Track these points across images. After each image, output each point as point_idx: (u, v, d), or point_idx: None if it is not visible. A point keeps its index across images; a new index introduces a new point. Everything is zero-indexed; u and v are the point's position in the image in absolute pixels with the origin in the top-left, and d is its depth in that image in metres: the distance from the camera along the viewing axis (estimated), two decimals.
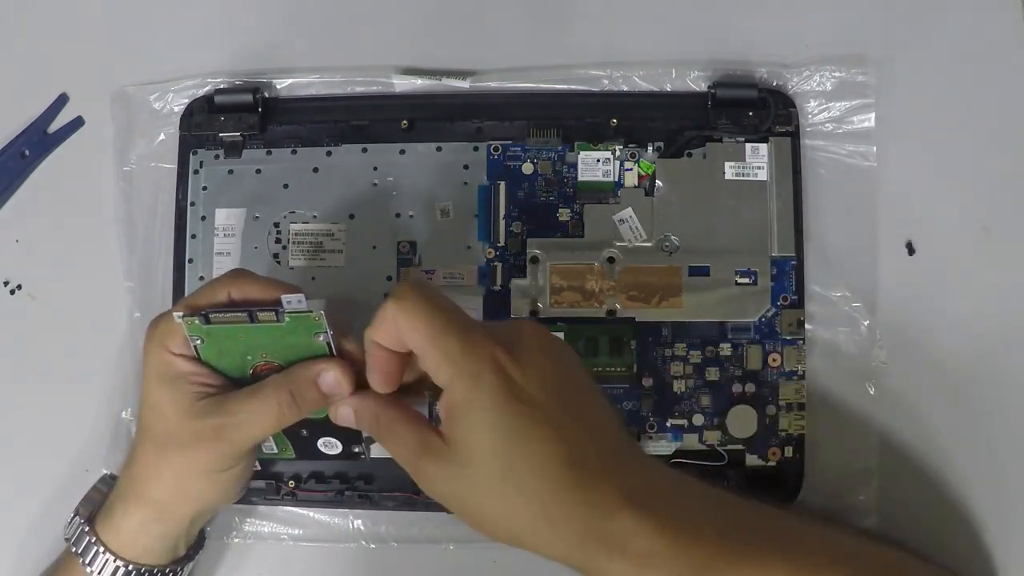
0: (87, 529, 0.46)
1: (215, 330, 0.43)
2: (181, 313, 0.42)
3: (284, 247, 0.53)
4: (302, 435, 0.46)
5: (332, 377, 0.43)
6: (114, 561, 0.45)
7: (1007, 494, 0.50)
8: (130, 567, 0.45)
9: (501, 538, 0.39)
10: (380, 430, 0.41)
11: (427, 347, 0.39)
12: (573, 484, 0.38)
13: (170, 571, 0.47)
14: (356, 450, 0.47)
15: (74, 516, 0.47)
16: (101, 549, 0.45)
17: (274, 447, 0.47)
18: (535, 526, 0.38)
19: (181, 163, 0.54)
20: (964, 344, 0.51)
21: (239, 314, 0.42)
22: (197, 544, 0.49)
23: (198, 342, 0.43)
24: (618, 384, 0.51)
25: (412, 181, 0.52)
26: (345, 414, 0.42)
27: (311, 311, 0.41)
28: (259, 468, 0.51)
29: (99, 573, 0.45)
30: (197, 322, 0.42)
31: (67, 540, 0.47)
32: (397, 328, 0.39)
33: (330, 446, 0.47)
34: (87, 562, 0.45)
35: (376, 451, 0.47)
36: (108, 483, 0.49)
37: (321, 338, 0.42)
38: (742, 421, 0.50)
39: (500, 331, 0.40)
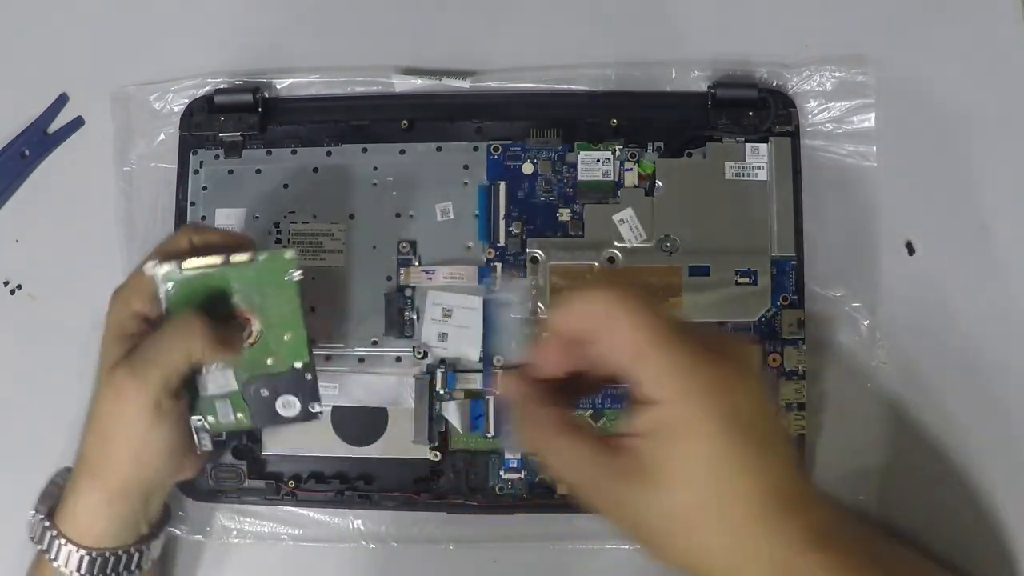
0: (48, 524, 0.45)
1: (189, 274, 0.44)
2: (156, 260, 0.43)
3: (284, 247, 0.53)
4: (262, 395, 0.46)
5: None
6: (76, 551, 0.44)
7: (1006, 494, 0.50)
8: (93, 553, 0.44)
9: (687, 567, 0.36)
10: (546, 439, 0.37)
11: (651, 354, 0.35)
12: (770, 518, 0.36)
13: (135, 550, 0.46)
14: (315, 410, 0.46)
15: (34, 513, 0.46)
16: (63, 541, 0.44)
17: (231, 413, 0.46)
18: (729, 559, 0.36)
19: (181, 163, 0.54)
20: (964, 344, 0.51)
21: (213, 259, 0.43)
22: (161, 521, 0.48)
23: (168, 287, 0.44)
24: (618, 385, 0.50)
25: (412, 181, 0.52)
26: (506, 384, 0.39)
27: (285, 252, 0.43)
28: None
29: (65, 565, 0.44)
30: (169, 268, 0.43)
31: (31, 539, 0.46)
32: (613, 323, 0.35)
33: (288, 406, 0.46)
34: (53, 557, 0.45)
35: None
36: (64, 476, 0.48)
37: (295, 275, 0.43)
38: None
39: (718, 345, 0.36)
